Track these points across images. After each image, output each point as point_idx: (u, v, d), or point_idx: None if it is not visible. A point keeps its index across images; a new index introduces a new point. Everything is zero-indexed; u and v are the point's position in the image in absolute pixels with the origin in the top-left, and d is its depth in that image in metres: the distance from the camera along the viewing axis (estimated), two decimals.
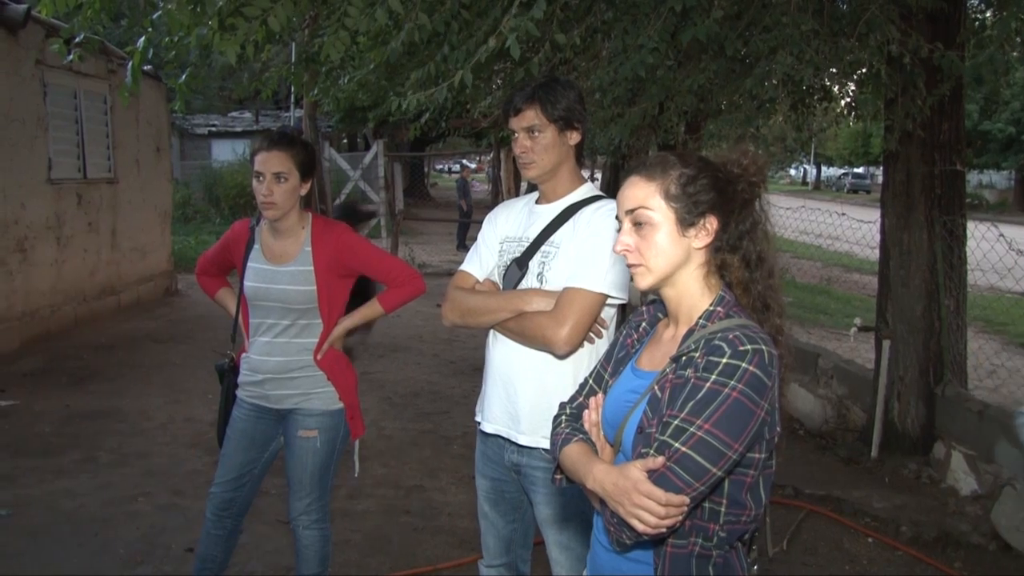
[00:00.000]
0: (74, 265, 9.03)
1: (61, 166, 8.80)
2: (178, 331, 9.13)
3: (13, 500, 4.56)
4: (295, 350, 2.97)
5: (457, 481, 4.99)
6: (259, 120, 25.94)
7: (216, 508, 3.15)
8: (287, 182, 2.87)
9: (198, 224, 18.53)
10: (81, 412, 6.16)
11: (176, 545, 4.08)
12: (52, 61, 8.52)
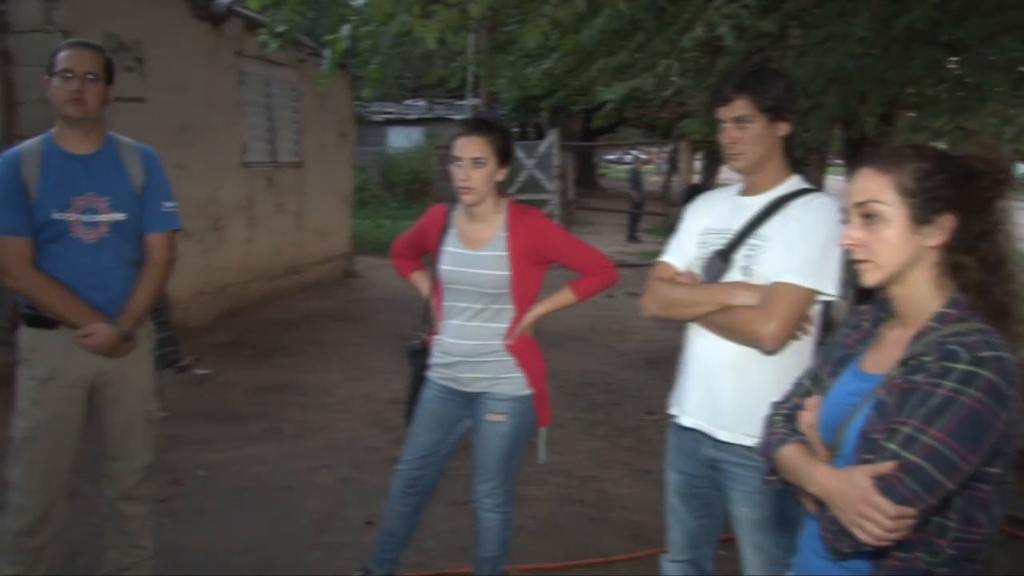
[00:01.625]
0: (262, 244, 9.52)
1: (254, 150, 9.30)
2: (356, 311, 9.50)
3: (209, 463, 4.86)
4: (487, 334, 3.03)
5: (631, 474, 4.97)
6: (433, 108, 26.49)
7: (402, 485, 3.25)
8: (485, 167, 2.93)
9: (374, 208, 19.16)
10: (267, 384, 6.50)
11: (355, 518, 4.23)
12: (248, 52, 9.02)
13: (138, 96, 7.06)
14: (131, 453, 3.11)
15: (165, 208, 3.07)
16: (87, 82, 2.85)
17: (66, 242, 2.89)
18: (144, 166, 3.04)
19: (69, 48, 2.91)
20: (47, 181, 2.86)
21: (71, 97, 2.83)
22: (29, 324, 2.98)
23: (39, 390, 2.94)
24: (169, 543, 3.43)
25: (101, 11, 6.77)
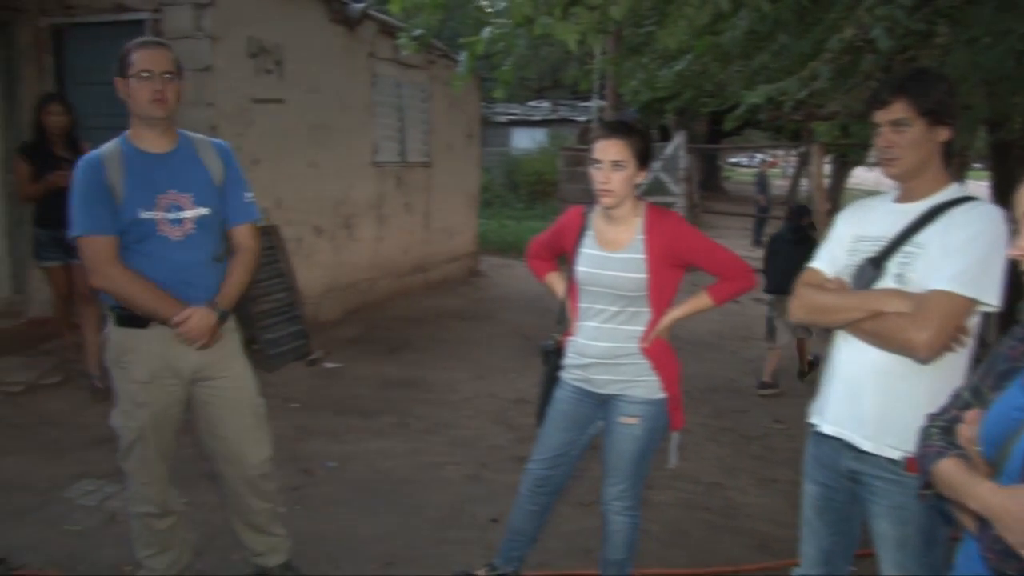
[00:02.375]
0: (391, 242, 9.72)
1: (384, 150, 9.50)
2: (481, 310, 9.59)
3: (339, 454, 4.98)
4: (622, 337, 3.01)
5: (757, 482, 4.86)
6: (557, 110, 26.51)
7: (532, 484, 3.26)
8: (624, 170, 2.91)
9: (497, 209, 19.30)
10: (394, 379, 6.62)
11: (481, 514, 4.27)
12: (381, 54, 9.23)
13: (277, 97, 7.31)
14: (246, 449, 3.18)
15: (246, 199, 3.10)
16: (166, 81, 2.87)
17: (154, 241, 2.91)
18: (222, 160, 3.07)
19: (143, 48, 2.90)
20: (132, 181, 2.88)
21: (154, 97, 2.84)
22: (120, 323, 2.99)
23: (142, 392, 2.99)
24: (301, 529, 3.53)
25: (245, 17, 7.04)
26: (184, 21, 6.76)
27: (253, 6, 7.17)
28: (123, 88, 2.90)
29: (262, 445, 3.21)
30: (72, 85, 7.35)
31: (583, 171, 11.50)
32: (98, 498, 4.31)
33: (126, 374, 3.00)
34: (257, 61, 7.21)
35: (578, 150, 14.83)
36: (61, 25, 7.20)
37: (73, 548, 3.81)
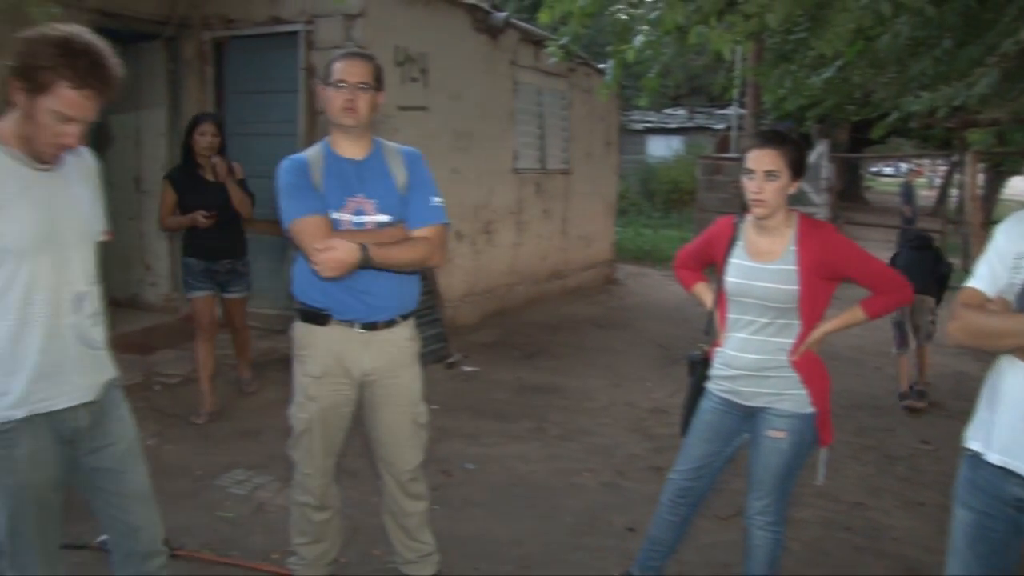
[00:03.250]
0: (529, 249, 9.80)
1: (524, 157, 9.59)
2: (618, 318, 9.55)
3: (476, 456, 5.05)
4: (771, 349, 2.95)
5: (902, 505, 4.67)
6: (693, 117, 26.17)
7: (673, 494, 3.23)
8: (778, 180, 2.85)
9: (633, 217, 19.19)
10: (531, 385, 6.67)
11: (617, 522, 4.25)
12: (522, 62, 9.33)
13: (422, 104, 7.47)
14: (399, 455, 3.26)
15: (432, 203, 3.12)
16: (359, 91, 2.96)
17: None
18: (407, 166, 3.12)
19: (343, 59, 3.02)
20: (329, 183, 3.02)
21: (345, 106, 2.95)
22: (302, 319, 3.15)
23: (313, 386, 3.12)
24: (440, 529, 3.58)
25: (392, 27, 7.24)
26: (335, 32, 7.00)
27: (400, 16, 7.36)
28: (323, 95, 3.04)
29: (415, 452, 3.28)
30: (230, 95, 7.72)
31: (721, 180, 11.42)
32: (248, 488, 4.49)
33: (303, 367, 3.15)
34: (403, 69, 7.39)
35: (717, 158, 14.61)
36: (222, 38, 7.57)
37: (225, 533, 3.99)
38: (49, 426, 2.37)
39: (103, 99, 2.25)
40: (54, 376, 2.35)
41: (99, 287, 2.50)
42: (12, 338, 2.28)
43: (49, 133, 2.22)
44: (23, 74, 2.17)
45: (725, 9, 3.08)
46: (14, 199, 2.25)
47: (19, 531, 2.38)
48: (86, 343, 2.43)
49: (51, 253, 2.33)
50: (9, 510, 2.36)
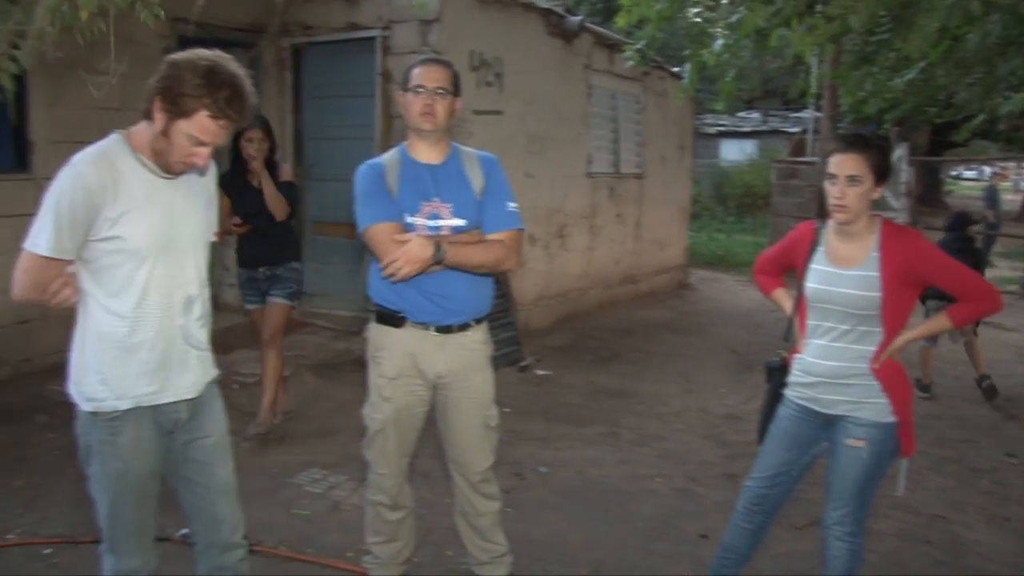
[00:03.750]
0: (602, 253, 9.78)
1: (598, 161, 9.59)
2: (691, 323, 9.47)
3: (549, 460, 5.06)
4: (852, 356, 2.90)
5: (987, 520, 4.54)
6: (767, 121, 25.80)
7: (748, 502, 3.19)
8: (860, 185, 2.80)
9: (705, 221, 19.00)
10: (603, 389, 6.65)
11: (690, 529, 4.21)
12: (596, 66, 9.34)
13: (497, 109, 7.52)
14: (471, 456, 3.28)
15: (508, 208, 3.14)
16: (437, 96, 3.00)
17: None
18: (483, 171, 3.14)
19: (422, 65, 3.07)
20: (404, 187, 3.05)
21: (423, 111, 2.99)
22: (378, 320, 3.19)
23: (387, 387, 3.16)
24: (512, 531, 3.60)
25: (467, 32, 7.30)
26: (411, 37, 7.09)
27: (475, 21, 7.41)
28: (401, 101, 3.09)
29: (486, 454, 3.30)
30: (308, 100, 7.88)
31: (797, 184, 11.25)
32: (324, 486, 4.57)
33: (377, 368, 3.19)
34: (478, 74, 7.45)
35: (792, 162, 14.40)
36: (300, 44, 7.72)
37: (301, 531, 4.06)
38: (152, 417, 2.49)
39: (236, 127, 2.37)
40: (161, 373, 2.46)
41: (208, 291, 2.60)
42: (126, 335, 2.40)
43: (182, 153, 2.34)
44: (167, 97, 2.28)
45: (806, 11, 3.04)
46: (140, 204, 2.37)
47: (118, 515, 2.50)
48: (192, 343, 2.53)
49: (168, 257, 2.44)
50: (110, 495, 2.48)
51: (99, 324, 2.41)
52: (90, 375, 2.43)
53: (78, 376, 2.46)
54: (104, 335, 2.41)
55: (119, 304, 2.40)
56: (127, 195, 2.35)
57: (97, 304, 2.41)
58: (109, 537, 2.55)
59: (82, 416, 2.48)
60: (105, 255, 2.37)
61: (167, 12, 3.18)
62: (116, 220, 2.34)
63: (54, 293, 2.36)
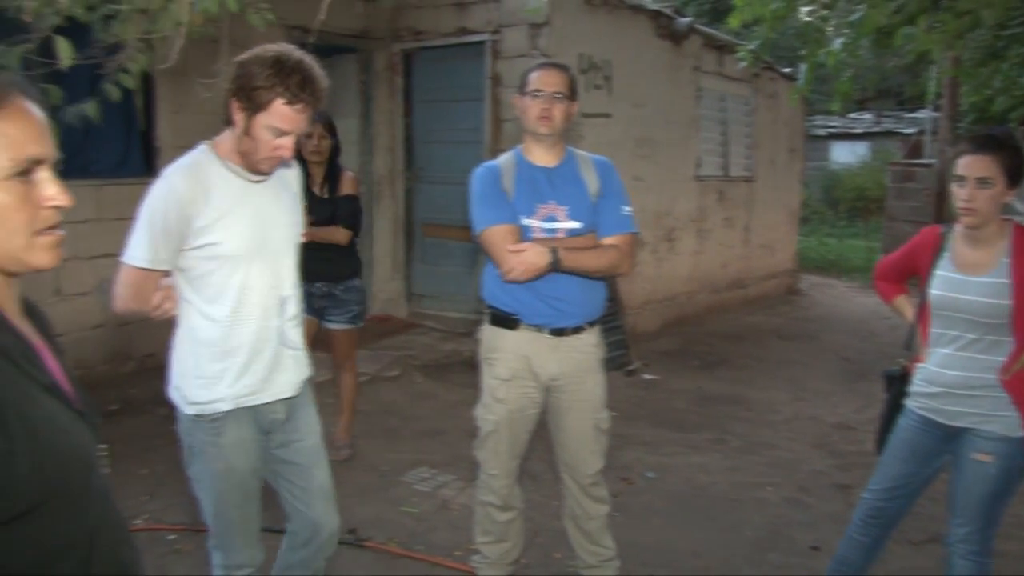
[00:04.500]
0: (710, 257, 9.66)
1: (707, 164, 9.47)
2: (801, 330, 9.27)
3: (657, 465, 5.02)
4: (979, 367, 2.79)
5: None
6: (880, 122, 24.98)
7: (864, 514, 3.11)
8: (991, 188, 2.70)
9: (815, 225, 18.49)
10: (711, 395, 6.57)
11: (801, 540, 4.12)
12: (705, 67, 9.22)
13: (605, 112, 7.50)
14: (581, 459, 3.28)
15: (622, 212, 3.14)
16: (554, 101, 3.04)
17: None
18: (598, 175, 3.16)
19: (539, 69, 3.11)
20: (520, 190, 3.08)
21: (540, 115, 3.03)
22: (492, 322, 3.22)
23: (501, 388, 3.19)
24: (619, 536, 3.58)
25: (576, 35, 7.30)
26: (521, 41, 7.14)
27: (585, 24, 7.41)
28: (519, 104, 3.14)
29: (596, 458, 3.30)
30: (418, 104, 8.01)
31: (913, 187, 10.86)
32: (432, 485, 4.64)
33: (491, 370, 3.23)
34: (587, 77, 7.44)
35: (908, 164, 13.94)
36: (411, 49, 7.86)
37: (410, 528, 4.14)
38: (251, 417, 2.57)
39: (313, 111, 2.42)
40: (258, 373, 2.54)
41: (300, 291, 2.67)
42: (224, 338, 2.48)
43: (267, 147, 2.40)
44: (242, 95, 2.35)
45: (931, 7, 2.94)
46: (233, 209, 2.45)
47: (223, 513, 2.59)
48: (287, 343, 2.60)
49: (261, 259, 2.51)
50: (215, 494, 2.57)
51: (198, 329, 2.49)
52: (191, 379, 2.51)
53: (179, 381, 2.54)
54: (203, 340, 2.49)
55: (216, 309, 2.47)
56: (218, 202, 2.42)
57: (195, 310, 2.49)
58: (216, 534, 2.64)
59: (184, 419, 2.56)
60: (201, 262, 2.44)
61: (281, 19, 3.28)
62: (209, 227, 2.41)
63: (154, 304, 2.44)
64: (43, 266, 1.30)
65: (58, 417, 1.28)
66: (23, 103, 1.27)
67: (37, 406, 1.23)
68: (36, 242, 1.28)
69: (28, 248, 1.27)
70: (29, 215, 1.26)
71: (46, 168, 1.28)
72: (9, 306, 1.32)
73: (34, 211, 1.27)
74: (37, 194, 1.27)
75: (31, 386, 1.25)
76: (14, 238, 1.26)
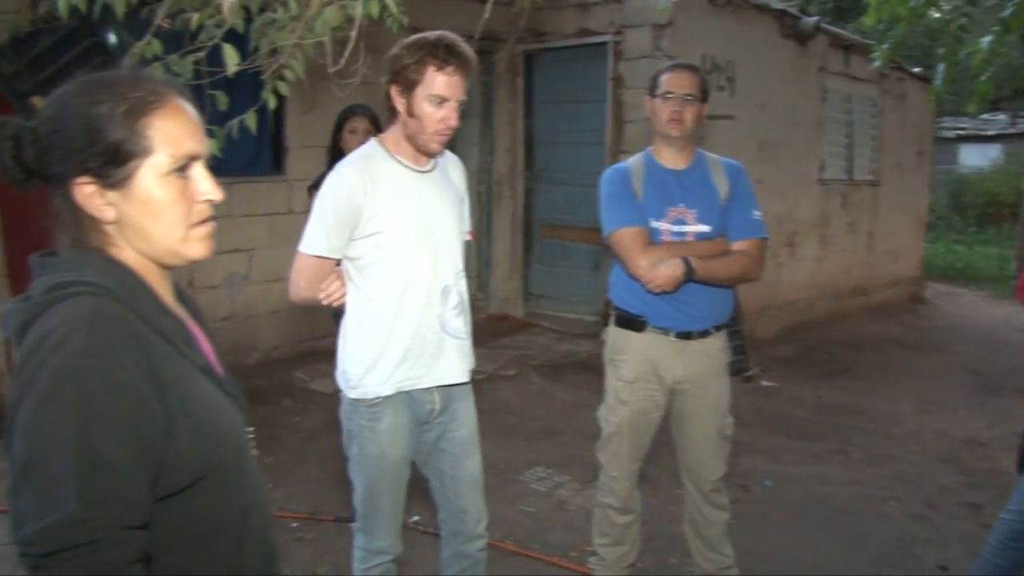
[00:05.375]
0: (832, 263, 9.42)
1: (831, 167, 9.24)
2: (926, 340, 8.96)
3: (774, 473, 4.94)
4: None
5: None
6: (1016, 123, 23.84)
7: (1003, 536, 2.99)
8: None
9: (941, 232, 17.78)
10: (832, 404, 6.42)
11: (927, 559, 4.00)
12: (831, 68, 8.99)
13: (728, 114, 7.40)
14: (704, 464, 3.26)
15: (753, 217, 3.12)
16: (686, 103, 3.02)
17: None
18: (729, 178, 3.12)
19: (671, 71, 3.10)
20: (649, 192, 3.08)
21: (671, 117, 3.02)
22: (618, 324, 3.22)
23: (625, 390, 3.19)
24: (737, 544, 3.54)
25: (700, 36, 7.23)
26: (643, 42, 7.11)
27: (708, 25, 7.33)
28: (649, 106, 3.14)
29: (719, 462, 3.28)
30: (539, 105, 8.06)
31: None
32: (549, 485, 4.67)
33: (615, 372, 3.24)
34: (710, 78, 7.33)
35: None
36: (532, 51, 7.90)
37: (527, 527, 4.17)
38: (408, 405, 2.64)
39: (465, 76, 2.49)
40: (419, 359, 2.61)
41: (464, 281, 2.73)
42: (388, 324, 2.57)
43: (432, 121, 2.48)
44: (397, 79, 2.47)
45: None
46: (399, 199, 2.55)
47: (373, 499, 2.67)
48: (449, 331, 2.66)
49: (427, 248, 2.59)
50: (367, 478, 2.66)
51: (364, 315, 2.59)
52: (355, 364, 2.61)
53: (344, 365, 2.64)
54: (368, 326, 2.59)
55: (383, 296, 2.56)
56: (386, 192, 2.52)
57: (363, 297, 2.59)
58: (363, 516, 2.72)
59: (345, 402, 2.67)
60: (369, 251, 2.54)
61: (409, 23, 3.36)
62: (377, 217, 2.51)
63: (326, 292, 2.57)
64: (198, 257, 1.37)
65: (213, 398, 1.35)
66: (179, 102, 1.33)
67: (194, 387, 1.30)
68: (192, 234, 1.35)
69: (185, 241, 1.34)
70: (186, 209, 1.33)
71: (200, 164, 1.35)
72: (166, 292, 1.40)
73: (190, 205, 1.33)
74: (192, 189, 1.34)
75: (189, 368, 1.31)
76: (173, 232, 1.33)
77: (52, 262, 1.30)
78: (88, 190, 1.28)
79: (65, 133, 1.26)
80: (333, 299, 2.60)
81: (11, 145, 1.29)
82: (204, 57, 2.11)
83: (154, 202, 1.30)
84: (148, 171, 1.28)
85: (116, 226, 1.31)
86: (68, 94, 1.29)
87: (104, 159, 1.26)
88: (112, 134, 1.26)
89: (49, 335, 1.17)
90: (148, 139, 1.27)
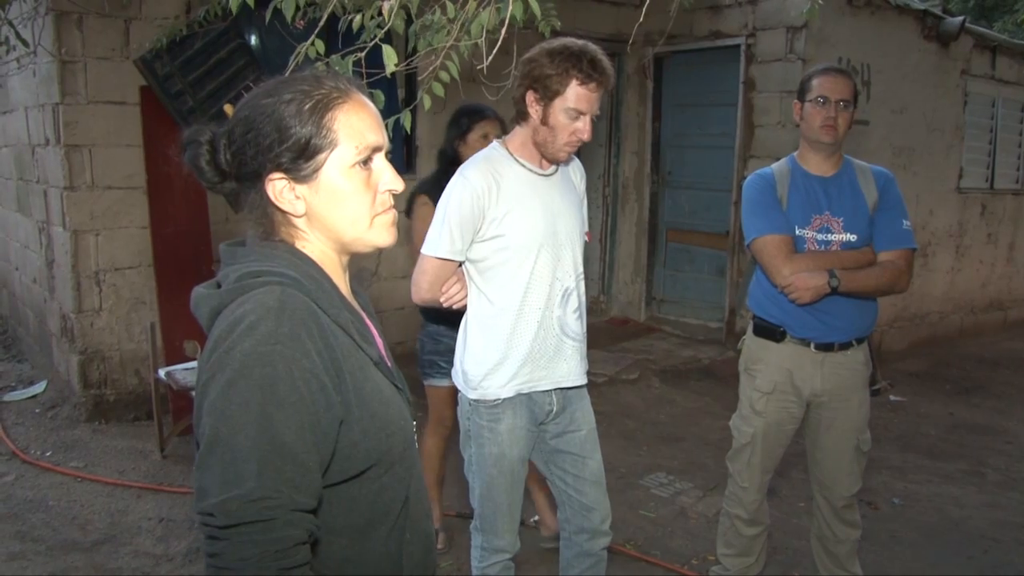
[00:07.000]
0: (967, 275, 9.03)
1: (970, 175, 8.84)
2: None
3: (904, 492, 4.78)
4: None
5: None
6: None
7: None
8: None
9: None
10: (965, 423, 6.16)
11: None
12: (975, 71, 8.60)
13: (864, 119, 7.19)
14: (837, 480, 3.18)
15: (903, 226, 3.02)
16: (840, 109, 2.94)
17: None
18: (878, 186, 3.04)
19: (823, 75, 3.01)
20: (794, 199, 3.02)
21: (825, 124, 2.93)
22: (756, 333, 3.18)
23: (761, 401, 3.14)
24: (864, 562, 3.46)
25: (835, 38, 7.04)
26: (777, 44, 6.97)
27: (844, 27, 7.12)
28: (798, 111, 3.08)
29: (854, 478, 3.20)
30: (668, 107, 7.99)
31: None
32: (670, 491, 4.63)
33: (751, 381, 3.20)
34: None
35: None
36: (662, 53, 7.83)
37: (647, 532, 4.16)
38: (527, 406, 2.67)
39: (605, 91, 2.52)
40: (539, 361, 2.65)
41: (584, 284, 2.75)
42: (509, 327, 2.61)
43: (566, 132, 2.51)
44: (537, 87, 2.48)
45: None
46: (524, 201, 2.58)
47: (491, 497, 2.71)
48: (568, 334, 2.69)
49: (550, 250, 2.62)
50: (486, 478, 2.70)
51: (485, 317, 2.63)
52: (476, 365, 2.65)
53: (465, 366, 2.69)
54: (489, 327, 2.62)
55: (504, 298, 2.59)
56: (509, 195, 2.55)
57: (484, 299, 2.63)
58: (481, 516, 2.77)
59: (464, 402, 2.71)
60: (492, 253, 2.58)
61: None
62: (500, 219, 2.54)
63: (447, 294, 2.62)
64: (384, 244, 1.43)
65: (384, 390, 1.40)
66: (361, 97, 1.40)
67: (368, 379, 1.35)
68: (376, 223, 1.41)
69: (370, 229, 1.40)
70: (370, 199, 1.39)
71: (382, 155, 1.41)
72: (344, 287, 1.46)
73: (374, 195, 1.39)
74: (375, 179, 1.40)
75: (365, 360, 1.37)
76: (360, 221, 1.39)
77: (242, 252, 1.38)
78: (280, 185, 1.35)
79: (258, 132, 1.33)
80: (454, 301, 2.64)
81: (207, 150, 1.38)
82: (363, 57, 2.19)
83: (341, 192, 1.36)
84: (334, 163, 1.35)
85: (305, 219, 1.38)
86: (258, 96, 1.36)
87: (294, 154, 1.33)
88: (301, 129, 1.32)
89: (240, 320, 1.23)
90: (334, 133, 1.34)
